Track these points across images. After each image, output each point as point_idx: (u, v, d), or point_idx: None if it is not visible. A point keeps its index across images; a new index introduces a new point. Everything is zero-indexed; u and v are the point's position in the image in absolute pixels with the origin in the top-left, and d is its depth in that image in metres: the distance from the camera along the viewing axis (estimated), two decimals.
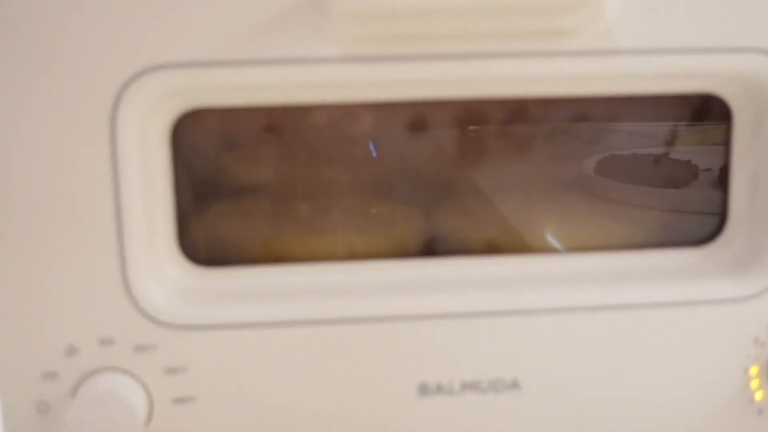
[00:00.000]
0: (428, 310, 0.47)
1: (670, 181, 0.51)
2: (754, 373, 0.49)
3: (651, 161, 0.51)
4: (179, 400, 0.47)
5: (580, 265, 0.50)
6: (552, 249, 0.51)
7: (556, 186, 0.51)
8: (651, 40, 0.45)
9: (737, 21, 0.45)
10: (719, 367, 0.49)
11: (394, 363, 0.48)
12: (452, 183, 0.50)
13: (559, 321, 0.48)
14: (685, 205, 0.51)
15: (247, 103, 0.45)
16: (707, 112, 0.50)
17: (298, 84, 0.44)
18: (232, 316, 0.47)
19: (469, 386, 0.48)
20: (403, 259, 0.50)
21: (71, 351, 0.45)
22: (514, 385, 0.48)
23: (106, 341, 0.46)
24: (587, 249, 0.50)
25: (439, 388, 0.48)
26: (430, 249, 0.50)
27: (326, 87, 0.45)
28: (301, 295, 0.48)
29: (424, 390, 0.48)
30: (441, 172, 0.50)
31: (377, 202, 0.50)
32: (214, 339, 0.46)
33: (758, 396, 0.50)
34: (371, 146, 0.49)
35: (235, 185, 0.49)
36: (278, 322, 0.47)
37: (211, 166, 0.48)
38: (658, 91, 0.48)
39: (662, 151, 0.50)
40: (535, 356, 0.48)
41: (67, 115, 0.43)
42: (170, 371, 0.46)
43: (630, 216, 0.51)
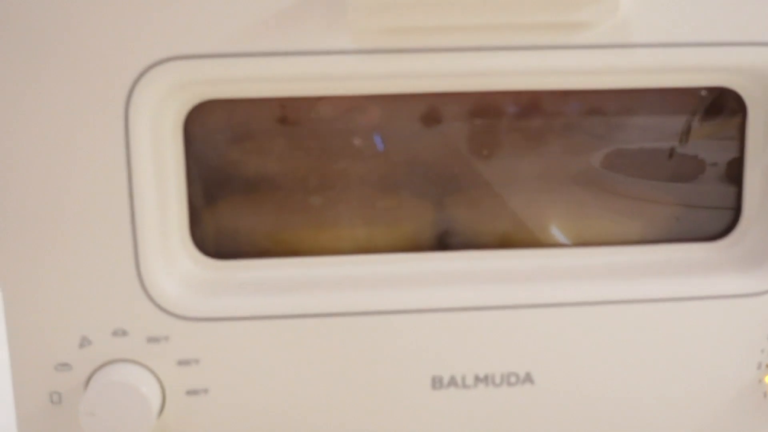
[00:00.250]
0: (441, 303, 0.47)
1: (682, 176, 0.51)
2: (767, 368, 0.49)
3: (664, 156, 0.50)
4: (192, 392, 0.47)
5: (593, 259, 0.50)
6: (565, 243, 0.50)
7: (568, 180, 0.50)
8: (665, 34, 0.44)
9: (752, 15, 0.45)
10: (732, 362, 0.49)
11: (407, 356, 0.47)
12: (465, 176, 0.50)
13: (572, 315, 0.48)
14: (698, 200, 0.51)
15: (261, 95, 0.45)
16: (721, 106, 0.50)
17: (311, 76, 0.44)
18: (245, 308, 0.47)
19: (482, 380, 0.48)
20: (416, 252, 0.49)
21: (84, 342, 0.45)
22: (528, 379, 0.48)
23: (119, 333, 0.46)
24: (600, 243, 0.50)
25: (452, 382, 0.48)
26: (443, 242, 0.50)
27: (340, 79, 0.44)
28: (313, 288, 0.48)
29: (437, 383, 0.48)
30: (454, 165, 0.50)
31: (389, 194, 0.50)
32: (227, 331, 0.46)
33: None
34: (382, 139, 0.49)
35: (247, 177, 0.49)
36: (290, 314, 0.47)
37: (223, 158, 0.48)
38: (672, 85, 0.48)
39: (675, 146, 0.50)
40: (549, 350, 0.48)
41: (80, 107, 0.43)
42: (183, 363, 0.46)
43: (643, 210, 0.51)
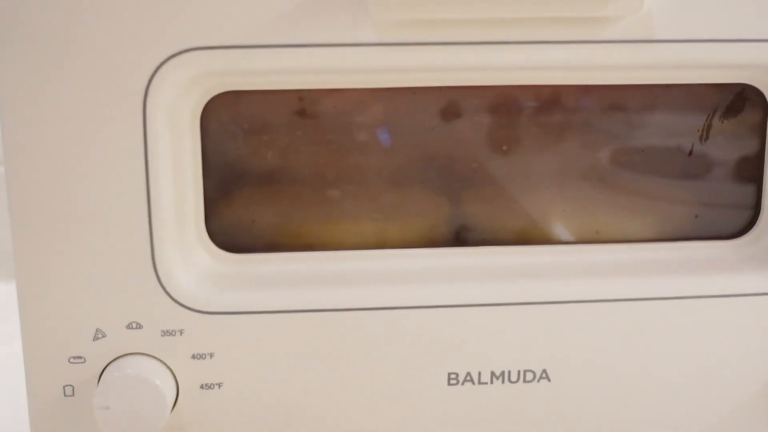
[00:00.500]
0: (457, 299, 0.47)
1: (702, 174, 0.50)
2: None
3: (684, 153, 0.50)
4: (205, 386, 0.47)
5: (611, 256, 0.49)
6: (583, 240, 0.50)
7: (586, 176, 0.50)
8: (689, 30, 0.44)
9: None
10: (748, 361, 0.49)
11: (423, 352, 0.47)
12: (482, 171, 0.49)
13: (589, 312, 0.47)
14: (717, 198, 0.50)
15: (280, 87, 0.45)
16: (742, 104, 0.49)
17: (331, 68, 0.43)
18: (260, 302, 0.46)
19: (498, 377, 0.48)
20: (433, 248, 0.49)
21: (98, 335, 0.45)
22: (544, 376, 0.48)
23: (134, 326, 0.45)
24: (619, 240, 0.50)
25: (468, 379, 0.48)
26: (460, 238, 0.50)
27: (360, 72, 0.44)
28: (329, 283, 0.47)
29: (452, 380, 0.48)
30: (471, 160, 0.49)
31: (406, 189, 0.49)
32: (241, 325, 0.46)
33: None
34: (400, 133, 0.49)
35: (263, 170, 0.48)
36: (305, 308, 0.46)
37: (239, 150, 0.47)
38: (694, 81, 0.47)
39: (695, 143, 0.50)
40: (565, 347, 0.48)
41: (99, 99, 0.42)
42: (197, 356, 0.46)
43: (662, 208, 0.51)
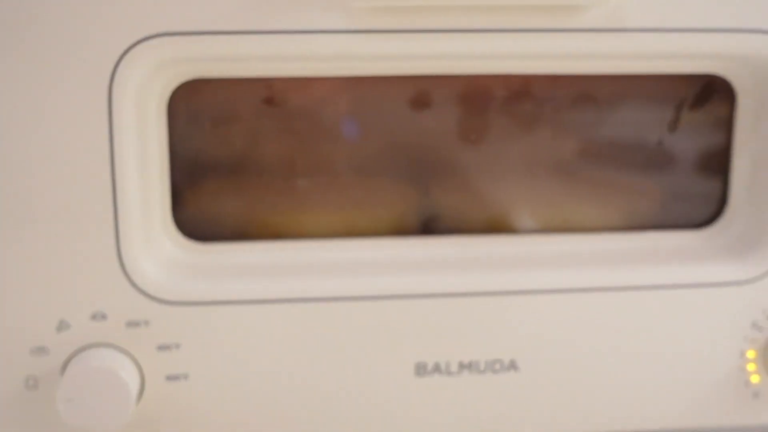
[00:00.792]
0: (426, 289, 0.47)
1: (671, 164, 0.50)
2: (750, 356, 0.49)
3: (651, 144, 0.50)
4: (172, 377, 0.46)
5: (579, 246, 0.49)
6: (550, 229, 0.50)
7: (555, 166, 0.50)
8: (659, 19, 0.44)
9: (745, 1, 0.44)
10: (716, 350, 0.49)
11: (391, 342, 0.47)
12: (451, 161, 0.49)
13: (558, 302, 0.47)
14: (685, 188, 0.50)
15: (249, 74, 0.44)
16: (709, 95, 0.49)
17: (302, 56, 0.43)
18: (227, 292, 0.46)
19: (466, 367, 0.48)
20: (401, 237, 0.49)
21: (62, 326, 0.44)
22: (512, 366, 0.48)
23: (98, 316, 0.45)
24: (587, 230, 0.50)
25: (437, 369, 0.48)
26: (428, 228, 0.49)
27: (330, 59, 0.43)
28: (297, 272, 0.47)
29: (421, 370, 0.47)
30: (440, 150, 0.49)
31: (375, 179, 0.49)
32: (208, 315, 0.46)
33: (754, 379, 0.50)
34: (369, 122, 0.48)
35: (231, 159, 0.47)
36: (273, 299, 0.46)
37: (207, 139, 0.47)
38: (663, 71, 0.47)
39: (663, 134, 0.50)
40: (534, 337, 0.48)
41: (63, 84, 0.41)
42: (163, 348, 0.45)
43: (630, 198, 0.51)
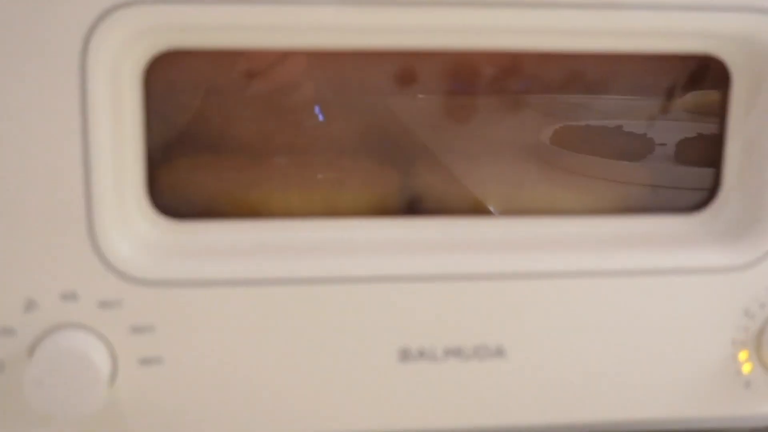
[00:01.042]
0: (410, 271, 0.46)
1: (663, 148, 0.50)
2: (742, 344, 0.48)
3: (645, 126, 0.49)
4: (145, 361, 0.44)
5: (569, 229, 0.48)
6: (539, 212, 0.49)
7: (544, 148, 0.49)
8: None
9: None
10: (708, 337, 0.48)
11: (374, 326, 0.46)
12: (436, 141, 0.48)
13: (546, 286, 0.46)
14: (677, 172, 0.50)
15: (228, 45, 0.43)
16: (704, 76, 0.48)
17: (282, 27, 0.41)
18: (203, 272, 0.44)
19: (452, 352, 0.46)
20: (384, 218, 0.47)
21: (30, 306, 0.43)
22: (499, 351, 0.47)
23: (69, 296, 0.43)
24: (576, 213, 0.49)
25: (421, 354, 0.46)
26: (413, 208, 0.48)
27: (312, 31, 0.42)
28: (276, 253, 0.46)
29: (405, 355, 0.46)
30: (425, 130, 0.48)
31: (357, 156, 0.48)
32: (184, 296, 0.44)
33: (746, 368, 0.49)
34: (352, 99, 0.47)
35: (209, 135, 0.46)
36: (251, 279, 0.45)
37: (185, 114, 0.45)
38: (656, 50, 0.46)
39: (657, 116, 0.49)
40: (521, 322, 0.47)
41: (33, 54, 0.40)
42: (136, 330, 0.44)
43: (621, 181, 0.50)
